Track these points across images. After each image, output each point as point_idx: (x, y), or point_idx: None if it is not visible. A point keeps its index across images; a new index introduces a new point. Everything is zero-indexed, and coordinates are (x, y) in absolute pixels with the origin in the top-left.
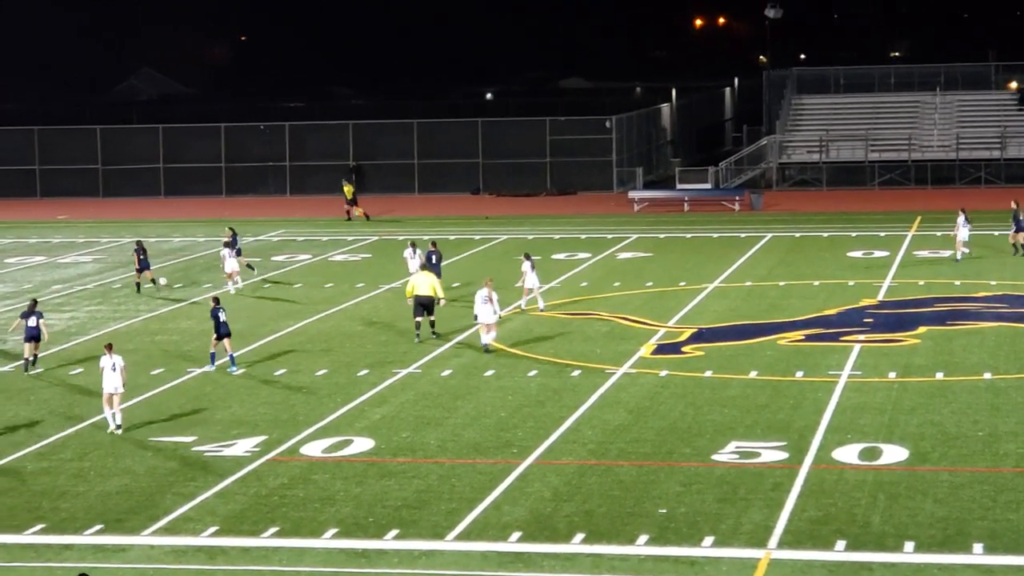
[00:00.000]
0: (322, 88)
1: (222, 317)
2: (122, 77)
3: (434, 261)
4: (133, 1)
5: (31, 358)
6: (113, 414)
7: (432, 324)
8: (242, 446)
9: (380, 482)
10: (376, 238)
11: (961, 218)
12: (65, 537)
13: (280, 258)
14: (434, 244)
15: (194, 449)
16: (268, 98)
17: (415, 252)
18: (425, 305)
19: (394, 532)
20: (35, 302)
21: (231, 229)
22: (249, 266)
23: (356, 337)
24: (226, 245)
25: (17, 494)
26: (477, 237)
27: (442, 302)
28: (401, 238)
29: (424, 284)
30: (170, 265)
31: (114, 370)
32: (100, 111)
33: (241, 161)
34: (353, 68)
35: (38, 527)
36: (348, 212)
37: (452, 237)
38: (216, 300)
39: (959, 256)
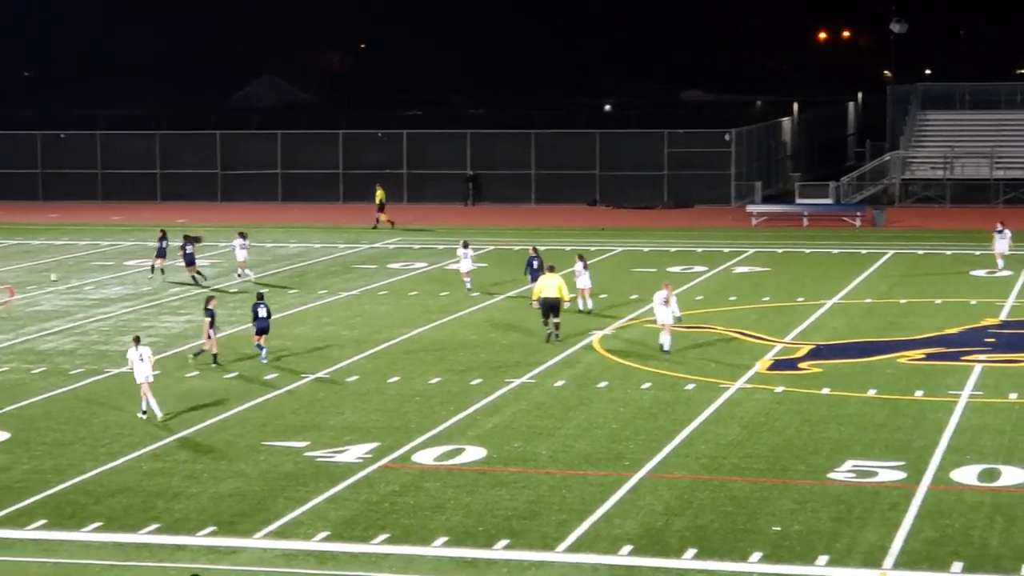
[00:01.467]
0: (441, 97)
1: (261, 313)
2: (243, 83)
3: (535, 267)
4: (257, 9)
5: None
6: (149, 401)
7: (556, 326)
8: (354, 452)
9: (491, 491)
10: (492, 247)
11: None
12: (178, 538)
13: (396, 266)
14: (535, 250)
15: (306, 454)
16: (386, 106)
17: (468, 251)
18: (552, 307)
19: (504, 542)
20: (261, 293)
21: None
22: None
23: (470, 346)
24: (240, 236)
25: (132, 494)
26: (593, 248)
27: (567, 304)
28: (517, 248)
29: (551, 286)
30: (287, 271)
31: (142, 360)
32: (221, 117)
33: (358, 168)
34: (472, 77)
35: (152, 527)
36: (377, 219)
37: (567, 248)
38: (260, 296)
39: None
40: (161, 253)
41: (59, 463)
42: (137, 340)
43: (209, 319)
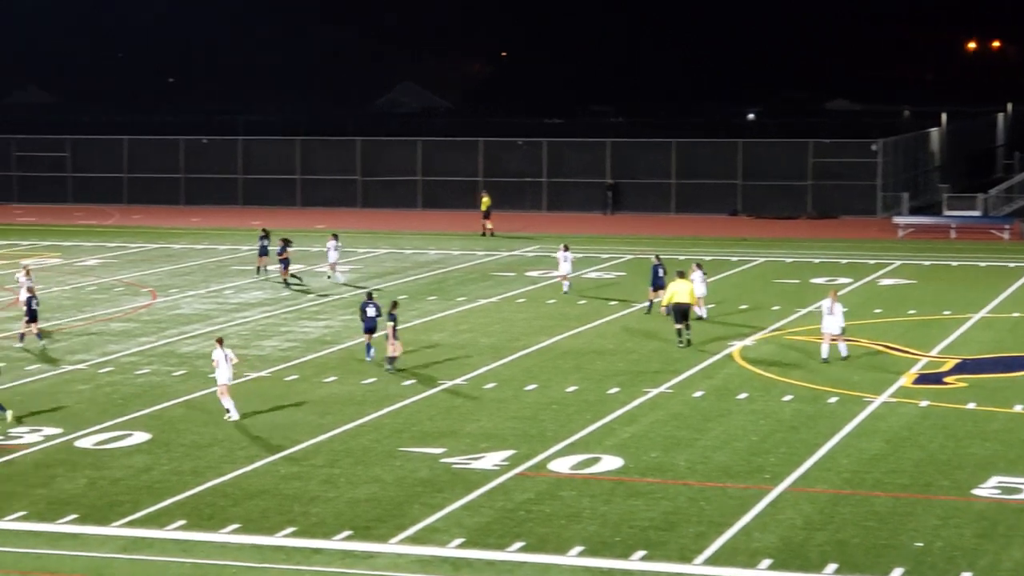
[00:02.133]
0: (581, 106)
1: (370, 312)
2: (384, 90)
3: (660, 274)
4: (398, 17)
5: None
6: (225, 402)
7: (687, 329)
8: (490, 459)
9: (628, 501)
10: (630, 256)
11: None
12: (315, 541)
13: (534, 273)
14: (658, 257)
15: (443, 461)
16: (527, 114)
17: (568, 254)
18: (683, 312)
19: (641, 553)
20: (370, 292)
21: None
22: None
23: (607, 355)
24: (333, 237)
25: (270, 497)
26: (734, 259)
27: (697, 310)
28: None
29: (683, 292)
30: (425, 278)
31: (227, 361)
32: (361, 123)
33: (498, 176)
34: (613, 86)
35: (289, 530)
36: (484, 226)
37: (708, 258)
38: (369, 295)
39: None
40: (263, 252)
41: (198, 465)
42: (220, 341)
43: (392, 323)
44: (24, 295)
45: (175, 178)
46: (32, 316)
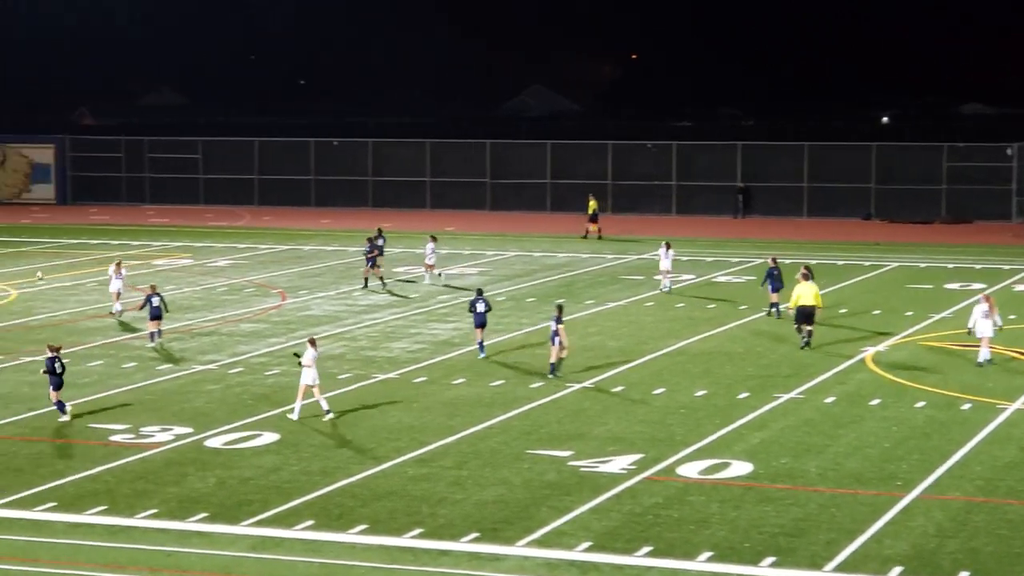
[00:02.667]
0: (710, 108)
1: (480, 308)
2: (513, 93)
3: (775, 276)
4: (528, 19)
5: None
6: (317, 402)
7: (809, 334)
8: (618, 463)
9: (757, 507)
10: (760, 260)
11: None
12: (442, 543)
13: (661, 277)
14: (774, 260)
15: (570, 464)
16: (656, 117)
17: (670, 252)
18: (808, 314)
19: (770, 559)
20: (480, 289)
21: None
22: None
23: (737, 359)
24: (432, 239)
25: (398, 498)
26: (866, 263)
27: (817, 311)
28: (788, 261)
29: (808, 294)
30: (554, 280)
31: (310, 364)
32: (490, 126)
33: (627, 179)
34: (743, 89)
35: (416, 531)
36: (587, 229)
37: (840, 262)
38: (479, 292)
39: None
40: (379, 251)
41: (326, 465)
42: (313, 342)
43: (557, 326)
44: (115, 287)
45: (305, 180)
46: (155, 315)
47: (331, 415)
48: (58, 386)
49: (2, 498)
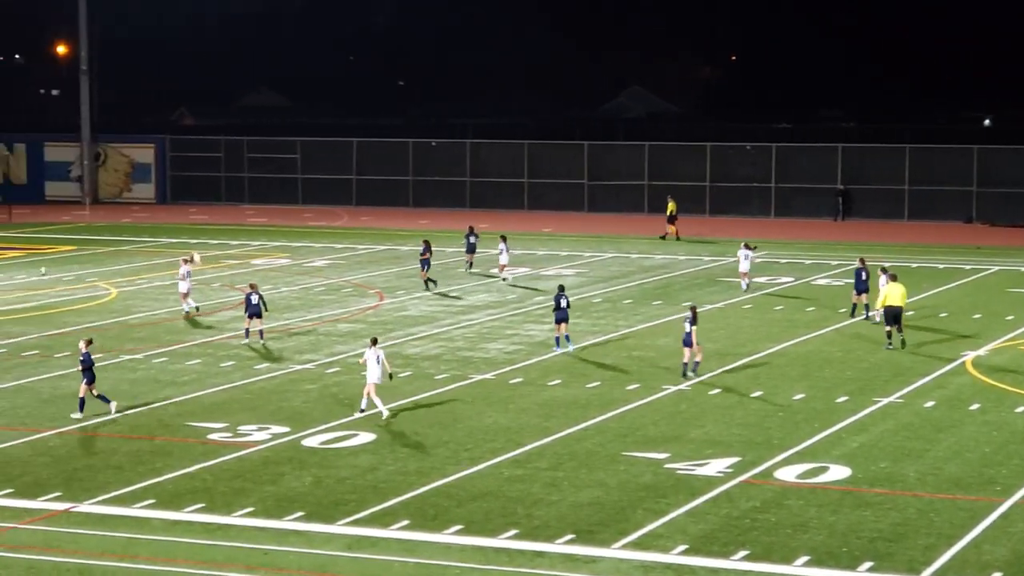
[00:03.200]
0: (810, 110)
1: (562, 303)
2: (612, 94)
3: (863, 278)
4: (627, 21)
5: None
6: (376, 401)
7: (901, 333)
8: (715, 466)
9: (855, 512)
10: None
11: None
12: (537, 544)
13: (761, 280)
14: (862, 261)
15: (667, 466)
16: (755, 119)
17: (749, 252)
18: (896, 315)
19: (868, 564)
20: (561, 285)
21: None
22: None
23: (836, 363)
24: (502, 239)
25: (493, 499)
26: (967, 267)
27: (875, 315)
28: (889, 265)
29: (896, 294)
30: (651, 282)
31: (377, 363)
32: (588, 127)
33: (725, 181)
34: (843, 91)
35: (512, 532)
36: (666, 231)
37: (940, 266)
38: (561, 288)
39: None
40: (471, 249)
41: (422, 466)
42: (374, 341)
43: (692, 327)
44: (184, 286)
45: (404, 180)
46: (254, 313)
47: (363, 414)
48: (92, 380)
49: (102, 495)
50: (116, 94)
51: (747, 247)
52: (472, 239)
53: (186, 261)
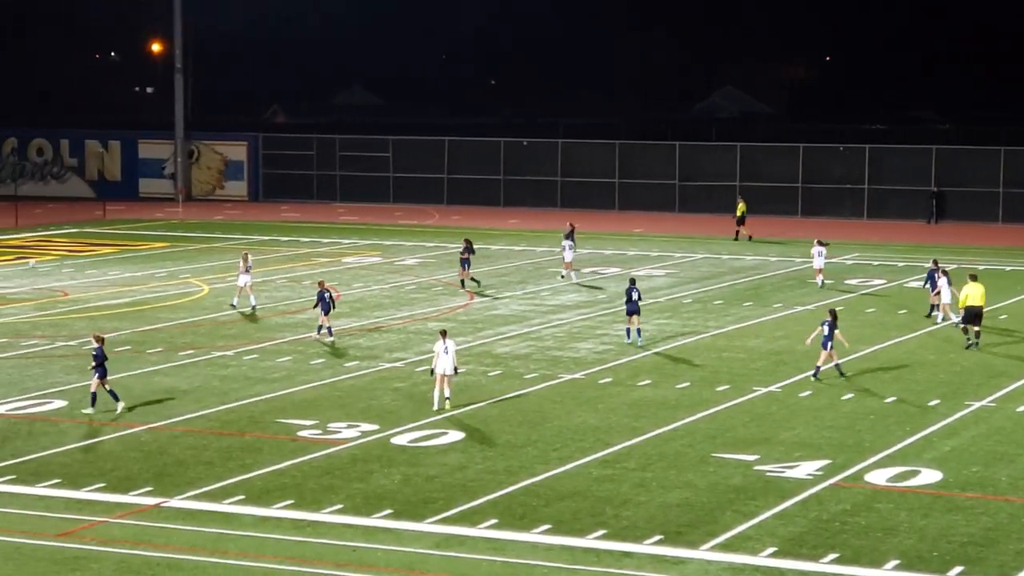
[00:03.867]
0: (905, 112)
1: (633, 296)
2: (705, 94)
3: (935, 279)
4: (723, 22)
5: None
6: (443, 391)
7: (977, 335)
8: (805, 468)
9: (946, 516)
10: (955, 266)
11: None
12: (625, 544)
13: (853, 281)
14: (936, 263)
15: (756, 468)
16: (849, 120)
17: (822, 249)
18: (976, 315)
19: (958, 569)
20: (633, 278)
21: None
22: (473, 279)
23: (928, 365)
24: (566, 237)
25: (582, 498)
26: None
27: (953, 317)
28: (982, 267)
29: (975, 294)
30: (742, 283)
31: (447, 353)
32: (680, 127)
33: (818, 182)
34: (938, 92)
35: (599, 532)
36: (737, 231)
37: None
38: (633, 281)
39: None
40: (571, 247)
41: (511, 465)
42: (444, 334)
43: (828, 330)
44: (243, 280)
45: (495, 179)
46: (326, 309)
47: (448, 404)
48: (104, 375)
49: (192, 490)
50: (210, 92)
51: (820, 244)
52: (568, 242)
53: (244, 258)
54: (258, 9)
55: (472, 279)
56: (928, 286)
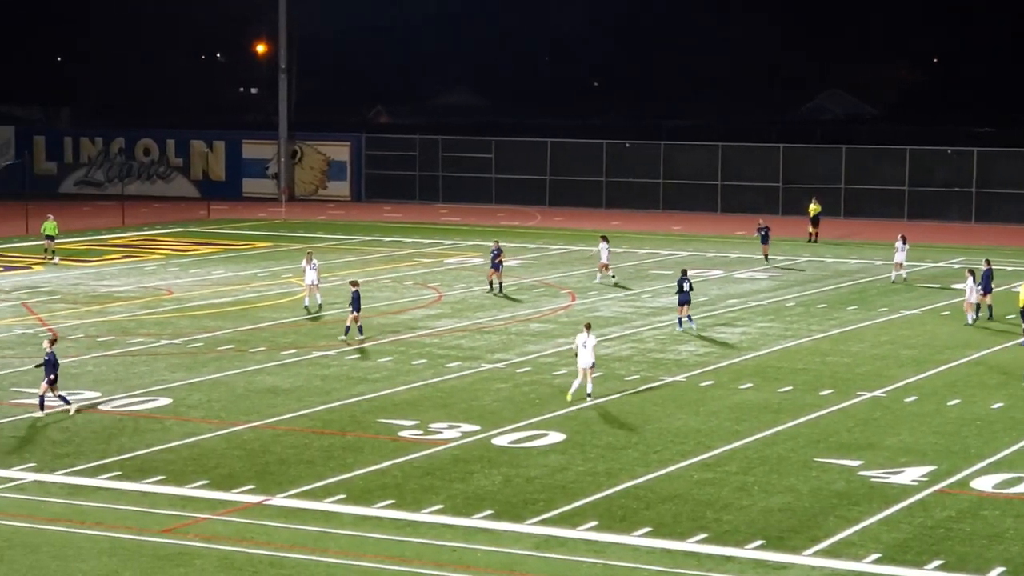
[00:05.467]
0: (1015, 114)
1: (685, 287)
2: (811, 96)
3: (987, 278)
4: (829, 21)
5: None
6: (584, 384)
7: None
8: (910, 474)
9: None
10: (984, 266)
11: None
12: (727, 549)
13: (960, 285)
14: (988, 262)
15: (860, 473)
16: (957, 122)
17: (904, 245)
18: None
19: None
20: (684, 269)
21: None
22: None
23: None
24: (603, 239)
25: (682, 502)
26: None
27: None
28: None
29: None
30: (846, 287)
31: (585, 347)
32: (785, 129)
33: (925, 185)
34: None
35: (700, 536)
36: (810, 233)
37: None
38: (684, 272)
39: None
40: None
41: (612, 467)
42: (588, 327)
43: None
44: (310, 278)
45: (597, 181)
46: (356, 307)
47: (591, 400)
48: (54, 380)
49: (294, 488)
50: (313, 92)
51: (903, 239)
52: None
53: (308, 257)
54: (362, 9)
55: (499, 282)
56: (979, 286)
